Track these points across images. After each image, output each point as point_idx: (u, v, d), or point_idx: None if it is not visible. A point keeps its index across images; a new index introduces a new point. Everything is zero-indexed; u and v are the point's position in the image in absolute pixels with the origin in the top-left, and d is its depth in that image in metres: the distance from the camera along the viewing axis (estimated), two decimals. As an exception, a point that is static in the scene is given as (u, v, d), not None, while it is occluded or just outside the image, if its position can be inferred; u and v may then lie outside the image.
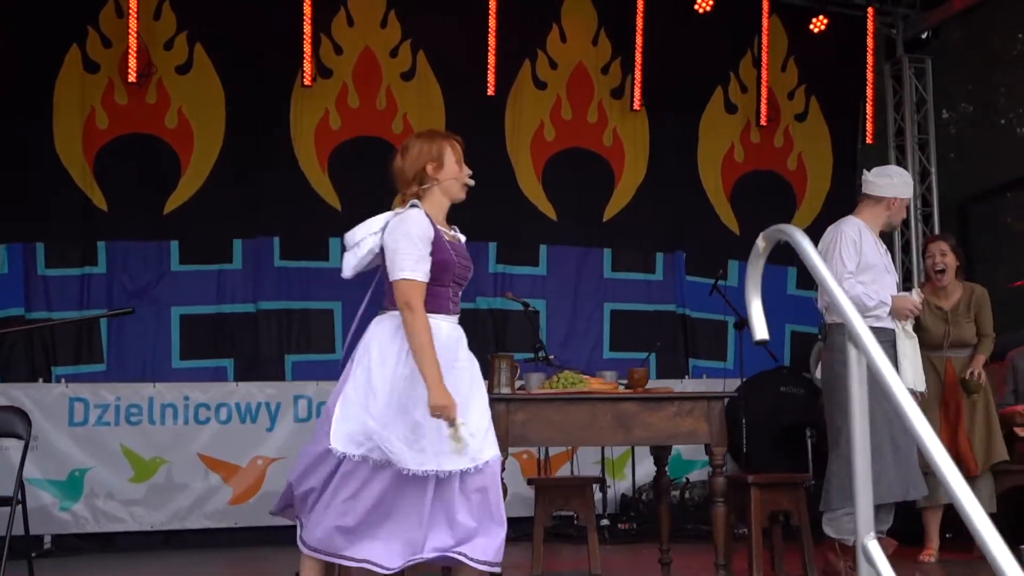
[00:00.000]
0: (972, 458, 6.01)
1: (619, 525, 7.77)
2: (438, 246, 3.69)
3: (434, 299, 3.69)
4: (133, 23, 7.60)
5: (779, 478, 5.49)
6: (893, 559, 3.90)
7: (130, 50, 7.66)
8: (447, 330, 3.73)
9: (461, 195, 3.90)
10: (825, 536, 5.26)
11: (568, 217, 8.65)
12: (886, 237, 6.09)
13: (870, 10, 9.23)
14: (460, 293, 3.87)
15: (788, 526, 5.47)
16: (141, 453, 7.50)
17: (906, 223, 9.38)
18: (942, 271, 6.22)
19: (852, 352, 1.96)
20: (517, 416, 4.86)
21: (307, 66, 7.99)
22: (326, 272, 8.11)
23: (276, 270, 8.04)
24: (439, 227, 3.75)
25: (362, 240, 3.78)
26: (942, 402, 6.14)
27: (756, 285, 2.51)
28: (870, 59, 9.25)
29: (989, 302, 6.28)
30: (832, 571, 5.23)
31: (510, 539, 7.01)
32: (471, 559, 3.59)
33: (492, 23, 8.32)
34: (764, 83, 8.99)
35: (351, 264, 3.85)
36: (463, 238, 3.96)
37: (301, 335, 8.09)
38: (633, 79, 8.70)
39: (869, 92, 9.27)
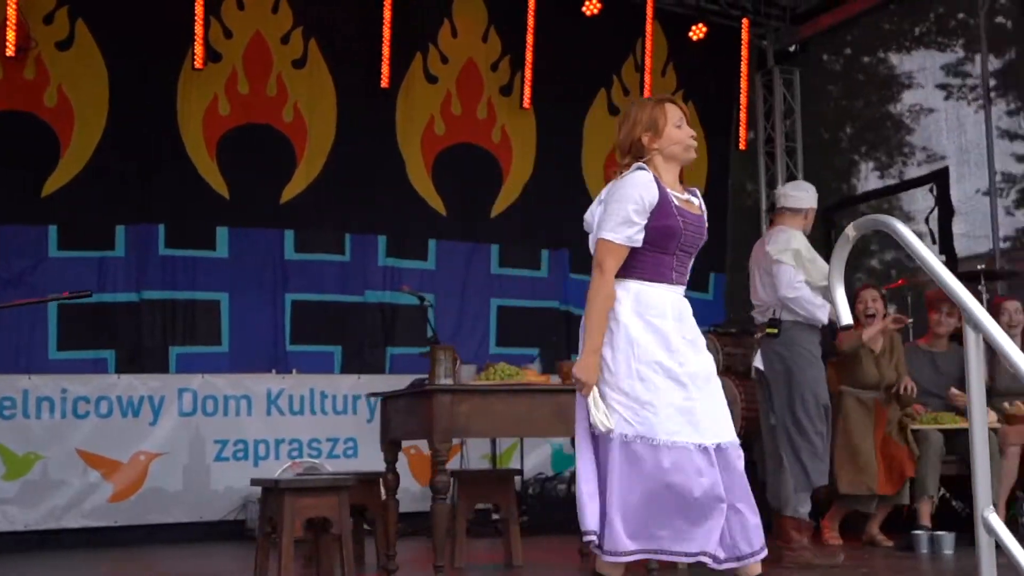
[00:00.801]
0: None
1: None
2: (664, 211, 3.42)
3: (655, 267, 3.45)
4: (11, -6, 7.21)
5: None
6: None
7: (8, 22, 7.25)
8: (671, 301, 3.48)
9: (688, 155, 3.62)
10: (783, 515, 5.50)
11: (457, 212, 8.66)
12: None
13: (744, 21, 9.59)
14: (690, 263, 3.59)
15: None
16: (14, 449, 7.10)
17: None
18: (872, 315, 6.52)
19: (971, 336, 2.06)
20: (461, 407, 4.85)
21: (198, 48, 7.74)
22: (213, 262, 7.90)
23: (161, 258, 7.76)
24: (669, 190, 3.48)
25: (590, 219, 3.57)
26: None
27: (840, 273, 2.57)
28: (744, 68, 9.62)
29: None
30: (795, 544, 5.50)
31: (408, 534, 7.02)
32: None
33: (387, 14, 8.26)
34: (647, 87, 9.22)
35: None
36: (698, 201, 3.64)
37: (186, 326, 7.83)
38: (523, 77, 8.78)
39: (743, 100, 9.65)
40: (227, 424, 7.59)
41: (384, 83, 8.30)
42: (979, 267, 7.28)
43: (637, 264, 3.44)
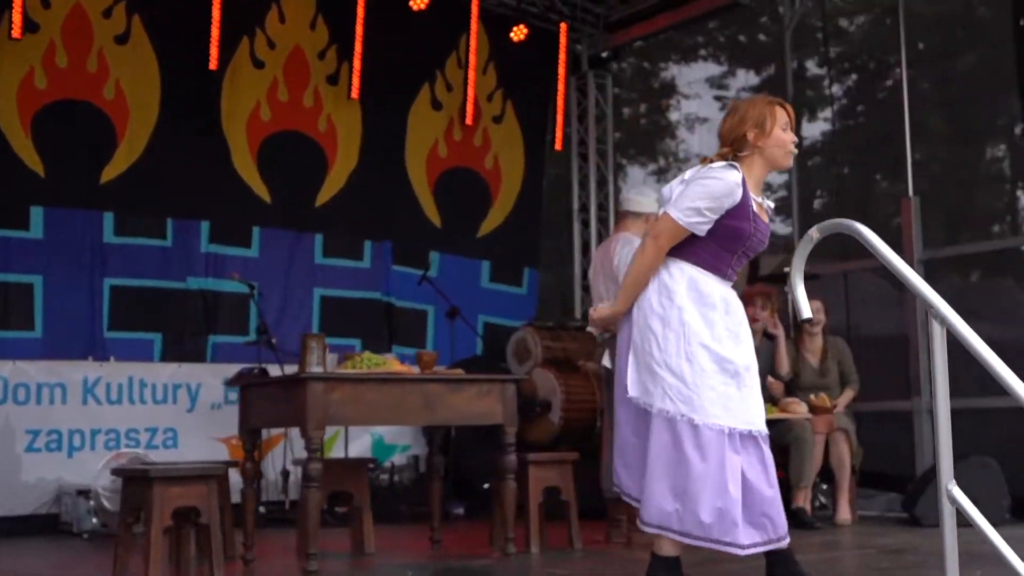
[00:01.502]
0: None
1: (336, 508, 7.83)
2: (741, 212, 3.55)
3: (714, 260, 3.60)
4: None
5: (552, 456, 5.89)
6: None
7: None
8: (721, 293, 3.61)
9: (786, 162, 3.70)
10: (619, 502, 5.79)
11: (281, 200, 8.56)
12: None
13: (563, 25, 9.91)
14: (744, 263, 3.74)
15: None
16: None
17: (585, 223, 10.18)
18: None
19: (937, 330, 2.33)
20: (334, 395, 4.86)
21: (16, 17, 7.32)
22: (26, 243, 7.52)
23: (-30, 239, 7.32)
24: (751, 194, 3.59)
25: (667, 193, 3.67)
26: None
27: (801, 270, 2.80)
28: (561, 71, 9.94)
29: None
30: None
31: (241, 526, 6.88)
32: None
33: (216, -6, 8.06)
34: (471, 84, 9.39)
35: None
36: (771, 207, 3.76)
37: (-4, 310, 7.41)
38: (351, 68, 8.77)
39: (559, 102, 9.97)
40: (40, 413, 7.22)
41: (212, 65, 8.10)
42: (785, 269, 7.85)
43: (699, 251, 3.60)
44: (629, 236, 5.94)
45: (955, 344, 7.46)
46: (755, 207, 3.61)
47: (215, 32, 8.07)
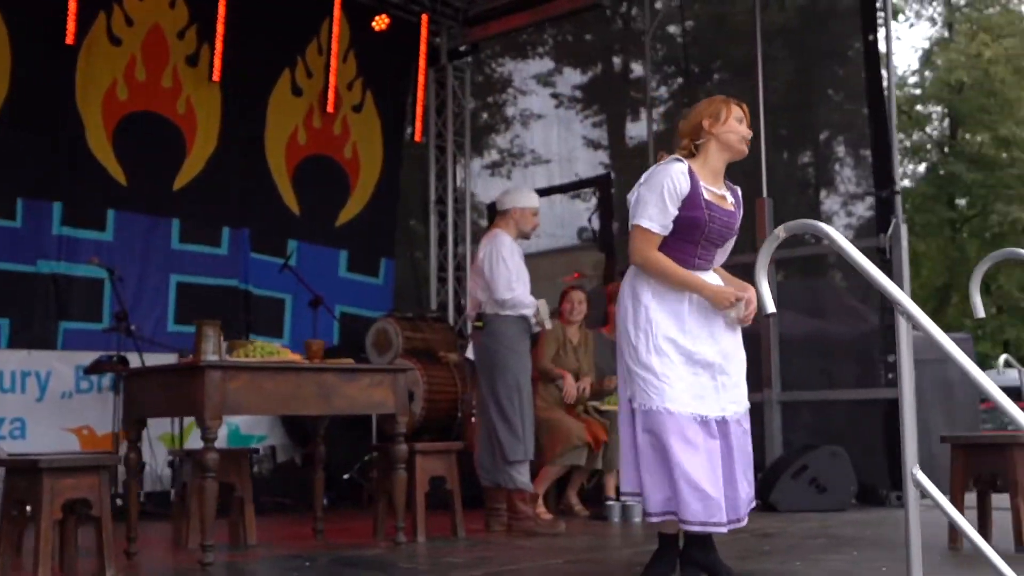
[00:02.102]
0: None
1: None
2: (692, 202, 3.72)
3: (678, 253, 3.77)
4: None
5: (438, 446, 5.94)
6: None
7: None
8: None
9: (741, 147, 3.88)
10: (507, 488, 5.89)
11: (138, 183, 8.26)
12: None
13: (424, 17, 9.93)
14: (715, 252, 3.93)
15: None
16: None
17: (442, 215, 10.23)
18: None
19: (903, 324, 2.51)
20: (232, 384, 4.78)
21: None
22: None
23: None
24: (703, 184, 3.76)
25: (631, 200, 3.83)
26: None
27: (765, 266, 2.94)
28: (422, 63, 9.95)
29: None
30: (523, 515, 5.89)
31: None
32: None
33: (71, -36, 7.72)
34: (333, 71, 9.30)
35: None
36: (732, 198, 3.95)
37: None
38: (212, 49, 8.56)
39: (420, 94, 9.98)
40: None
41: (69, 39, 7.76)
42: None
43: (661, 249, 3.76)
44: (495, 232, 6.08)
45: (806, 339, 7.83)
46: (707, 195, 3.83)
47: (72, 5, 7.73)
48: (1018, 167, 21.53)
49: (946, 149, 23.69)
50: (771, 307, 3.10)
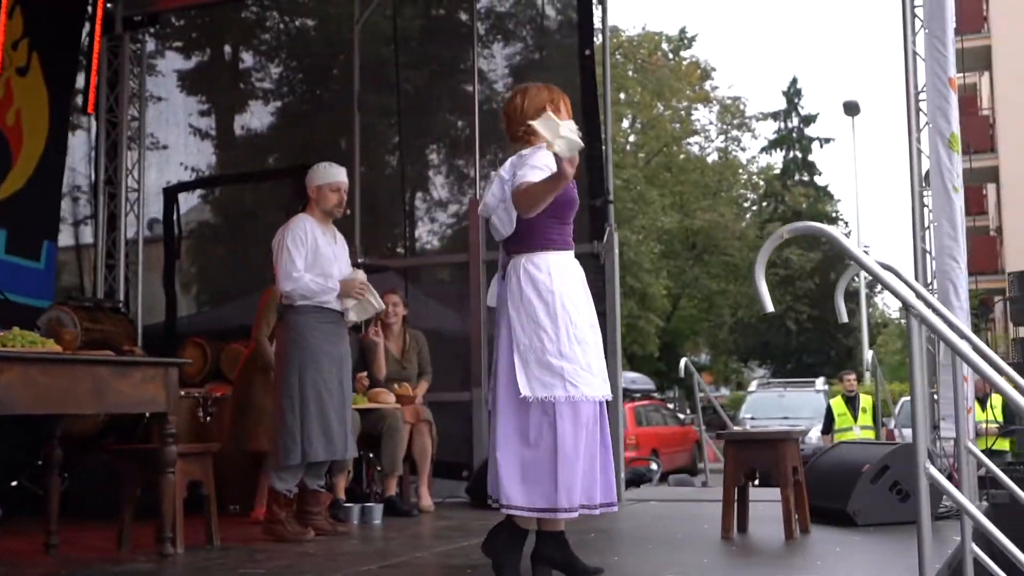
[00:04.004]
0: None
1: None
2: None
3: (559, 236, 3.78)
4: None
5: (196, 448, 5.45)
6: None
7: None
8: (576, 269, 3.82)
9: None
10: (269, 491, 5.56)
11: None
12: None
13: (100, -21, 9.09)
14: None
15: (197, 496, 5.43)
16: None
17: (112, 195, 9.40)
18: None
19: (914, 324, 2.65)
20: (3, 377, 4.12)
21: None
22: None
23: None
24: None
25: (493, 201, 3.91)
26: None
27: (763, 265, 2.96)
28: (98, 29, 9.10)
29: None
30: (275, 519, 5.53)
31: None
32: None
33: None
34: (1, 27, 8.25)
35: None
36: None
37: None
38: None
39: (94, 62, 9.11)
40: None
41: None
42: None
43: (549, 236, 3.69)
44: (294, 217, 5.72)
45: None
46: None
47: None
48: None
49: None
50: (769, 305, 3.16)
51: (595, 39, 8.03)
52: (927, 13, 6.95)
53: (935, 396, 6.70)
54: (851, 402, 12.97)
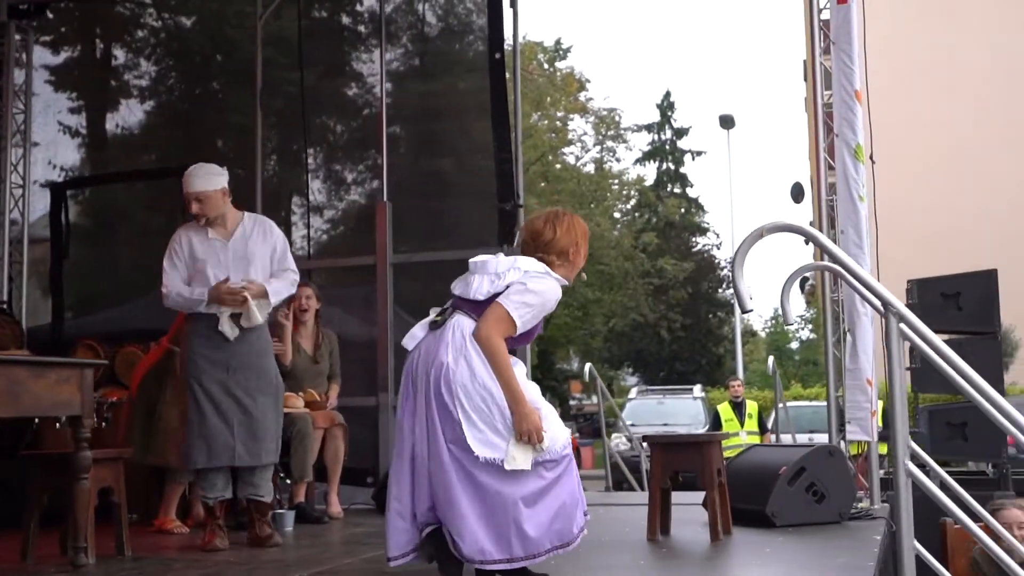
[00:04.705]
0: None
1: None
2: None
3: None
4: None
5: (108, 453, 5.21)
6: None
7: None
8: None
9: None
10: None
11: None
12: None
13: (-15, -35, 8.68)
14: None
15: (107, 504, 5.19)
16: None
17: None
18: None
19: (893, 324, 2.68)
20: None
21: None
22: None
23: None
24: None
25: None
26: None
27: (743, 263, 2.94)
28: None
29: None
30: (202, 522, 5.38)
31: None
32: None
33: None
34: None
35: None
36: None
37: None
38: None
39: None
40: None
41: None
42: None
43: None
44: (181, 227, 5.59)
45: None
46: None
47: None
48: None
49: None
50: (748, 304, 3.16)
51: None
52: (834, 28, 7.17)
53: (839, 399, 6.90)
54: (738, 408, 13.26)
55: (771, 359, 7.06)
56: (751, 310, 3.33)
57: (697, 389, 22.55)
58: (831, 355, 7.02)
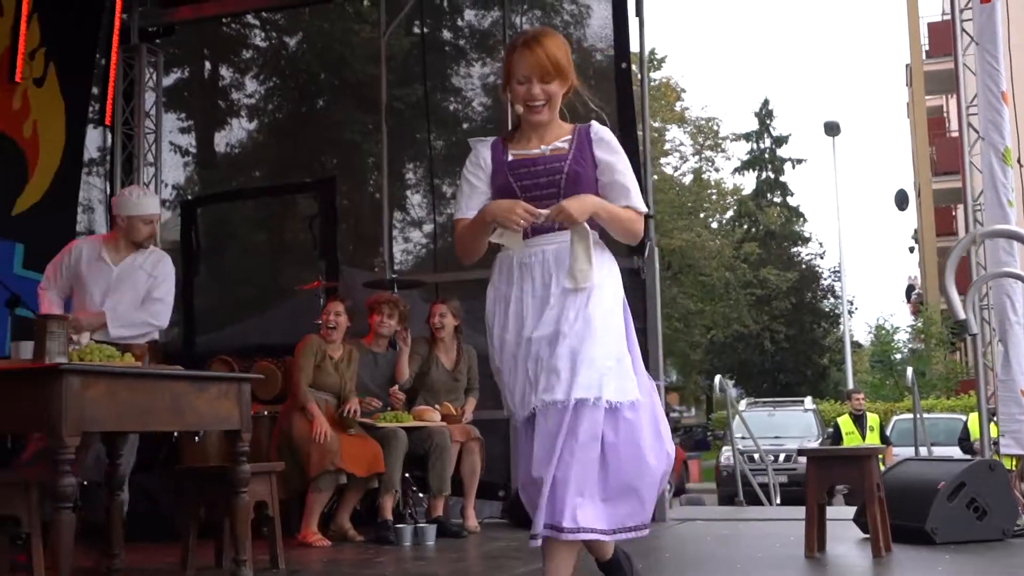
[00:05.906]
0: None
1: None
2: (498, 179, 3.31)
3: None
4: None
5: (261, 467, 5.24)
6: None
7: None
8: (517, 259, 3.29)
9: (531, 117, 3.30)
10: None
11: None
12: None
13: (118, -9, 8.89)
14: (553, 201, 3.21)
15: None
16: None
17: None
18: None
19: None
20: (90, 393, 3.90)
21: None
22: None
23: None
24: (511, 151, 3.33)
25: None
26: None
27: (953, 273, 2.83)
28: (115, 40, 8.89)
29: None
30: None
31: None
32: None
33: None
34: (22, 36, 8.03)
35: None
36: (562, 143, 3.30)
37: None
38: None
39: (111, 73, 8.90)
40: None
41: None
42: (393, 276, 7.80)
43: None
44: (81, 240, 5.94)
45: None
46: (513, 157, 3.31)
47: None
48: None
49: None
50: (962, 313, 3.04)
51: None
52: (977, 28, 6.95)
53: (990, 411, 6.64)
54: (859, 420, 12.94)
55: (909, 370, 6.92)
56: (975, 332, 3.17)
57: (808, 401, 22.08)
58: (981, 365, 6.77)
